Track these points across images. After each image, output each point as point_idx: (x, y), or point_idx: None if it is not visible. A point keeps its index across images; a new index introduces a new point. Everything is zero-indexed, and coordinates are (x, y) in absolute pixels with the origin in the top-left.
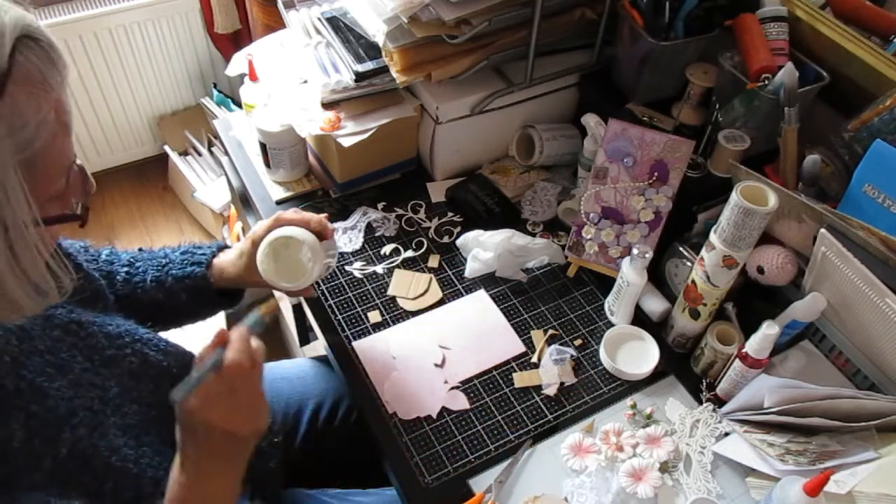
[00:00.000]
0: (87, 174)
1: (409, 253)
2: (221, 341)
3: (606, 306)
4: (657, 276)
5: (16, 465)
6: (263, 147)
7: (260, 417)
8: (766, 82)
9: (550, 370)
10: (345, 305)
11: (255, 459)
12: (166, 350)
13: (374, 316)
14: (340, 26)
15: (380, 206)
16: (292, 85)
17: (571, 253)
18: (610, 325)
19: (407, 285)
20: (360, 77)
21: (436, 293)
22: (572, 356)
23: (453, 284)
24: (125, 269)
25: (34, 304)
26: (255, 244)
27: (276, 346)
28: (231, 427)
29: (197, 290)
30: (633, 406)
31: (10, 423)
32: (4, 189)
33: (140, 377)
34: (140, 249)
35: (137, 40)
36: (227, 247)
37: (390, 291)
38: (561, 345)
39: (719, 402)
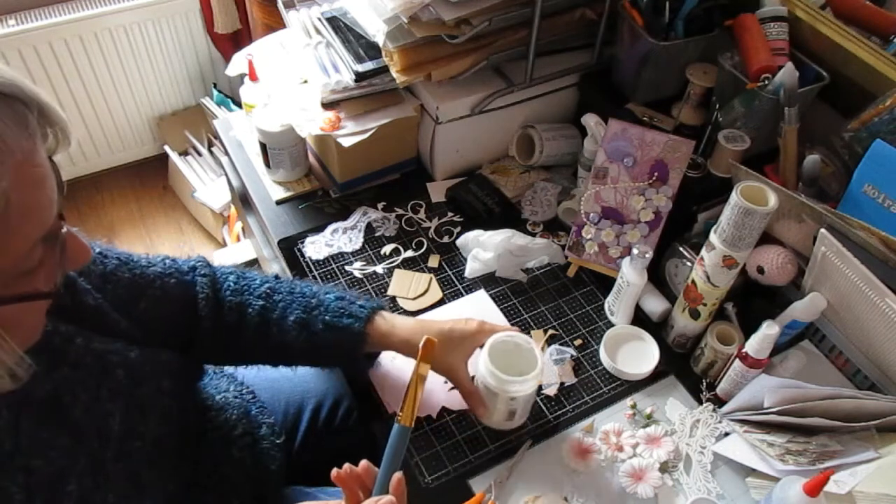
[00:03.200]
0: (80, 242)
1: (409, 253)
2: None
3: (606, 306)
4: (657, 276)
5: None
6: (263, 147)
7: None
8: (766, 82)
9: (550, 370)
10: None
11: (258, 460)
12: (176, 374)
13: None
14: (340, 26)
15: (380, 206)
16: (292, 85)
17: (571, 253)
18: (610, 325)
19: (407, 285)
20: (360, 77)
21: (436, 293)
22: (572, 356)
23: (453, 284)
24: (260, 301)
25: (8, 385)
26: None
27: None
28: None
29: (344, 345)
30: (633, 406)
31: (8, 488)
32: None
33: (148, 411)
34: (276, 277)
35: (137, 40)
36: (384, 308)
37: (390, 291)
38: (561, 345)
39: (719, 402)
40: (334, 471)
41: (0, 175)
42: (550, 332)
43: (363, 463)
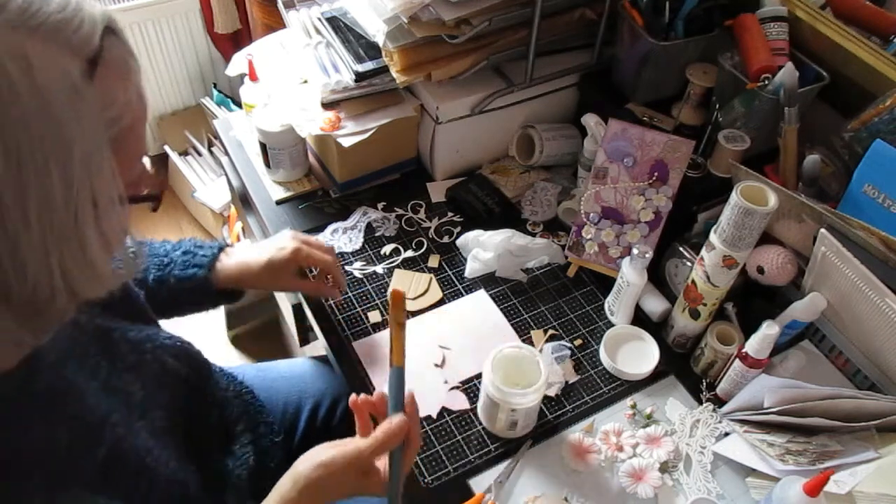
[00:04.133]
0: (159, 167)
1: (409, 253)
2: (401, 430)
3: (606, 306)
4: (657, 276)
5: (61, 466)
6: (263, 147)
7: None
8: (766, 82)
9: (553, 371)
10: (345, 305)
11: (258, 458)
12: (184, 355)
13: (374, 316)
14: (340, 26)
15: (380, 206)
16: (292, 85)
17: (571, 253)
18: (610, 325)
19: (407, 285)
20: (360, 77)
21: (436, 293)
22: (572, 356)
23: (453, 284)
24: None
25: (115, 279)
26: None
27: (276, 346)
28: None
29: (196, 291)
30: (633, 406)
31: (55, 425)
32: (98, 163)
33: (161, 384)
34: (139, 242)
35: (137, 40)
36: (227, 246)
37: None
38: (561, 345)
39: (719, 402)
40: (352, 396)
41: (132, 93)
42: (550, 332)
43: (378, 392)
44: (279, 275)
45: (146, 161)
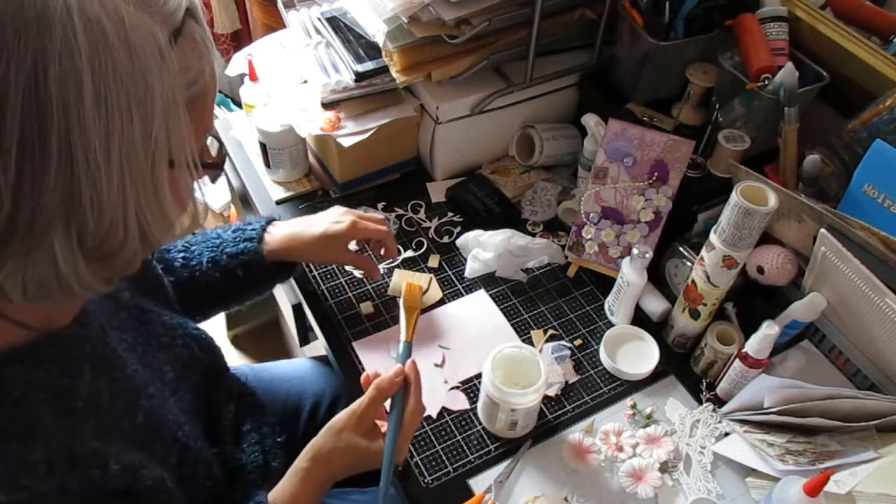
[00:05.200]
0: (222, 142)
1: (409, 253)
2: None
3: (606, 306)
4: (657, 276)
5: (107, 420)
6: (263, 147)
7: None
8: (766, 82)
9: (553, 371)
10: (345, 305)
11: (259, 458)
12: (209, 348)
13: (367, 307)
14: (340, 26)
15: (380, 206)
16: (292, 85)
17: (571, 253)
18: (610, 325)
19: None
20: (360, 77)
21: (436, 293)
22: (572, 356)
23: (453, 284)
24: (181, 254)
25: (182, 231)
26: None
27: (276, 346)
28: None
29: (251, 266)
30: (633, 406)
31: (100, 383)
32: (174, 120)
33: (190, 368)
34: (193, 233)
35: None
36: (275, 219)
37: (390, 291)
38: (561, 345)
39: (719, 402)
40: (364, 374)
41: (206, 64)
42: (550, 332)
43: (386, 369)
44: (331, 247)
45: (212, 140)
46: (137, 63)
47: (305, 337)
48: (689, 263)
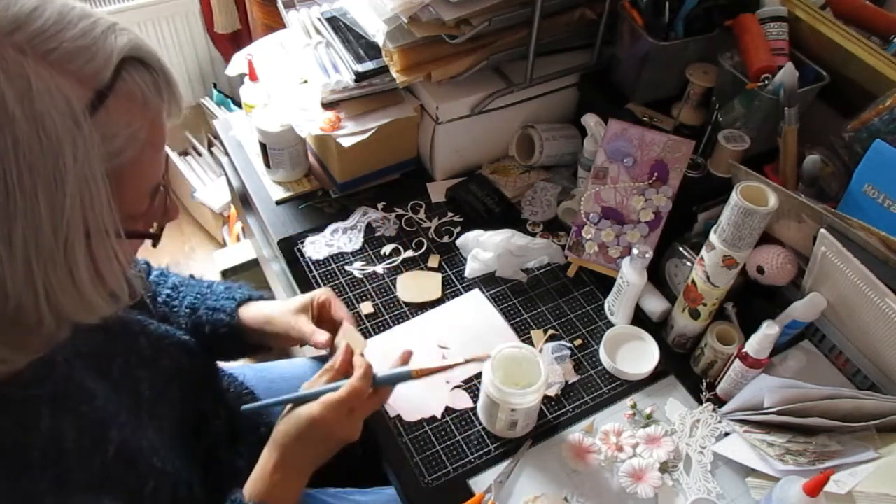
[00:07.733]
0: (172, 199)
1: (409, 253)
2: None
3: (606, 306)
4: (657, 276)
5: (68, 465)
6: (263, 147)
7: (357, 432)
8: (766, 82)
9: (553, 371)
10: (345, 305)
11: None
12: (197, 354)
13: (366, 307)
14: (340, 26)
15: (380, 206)
16: (292, 85)
17: (571, 253)
18: (610, 325)
19: (416, 287)
20: (360, 77)
21: (436, 293)
22: (572, 356)
23: (453, 284)
24: (168, 290)
25: (108, 308)
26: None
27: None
28: (342, 436)
29: (222, 327)
30: (633, 406)
31: (62, 424)
32: (91, 195)
33: (171, 382)
34: (191, 276)
35: None
36: (264, 298)
37: (399, 294)
38: (561, 345)
39: (719, 402)
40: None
41: (139, 127)
42: (550, 332)
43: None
44: (301, 313)
45: (163, 187)
46: (45, 136)
47: None
48: (689, 263)
